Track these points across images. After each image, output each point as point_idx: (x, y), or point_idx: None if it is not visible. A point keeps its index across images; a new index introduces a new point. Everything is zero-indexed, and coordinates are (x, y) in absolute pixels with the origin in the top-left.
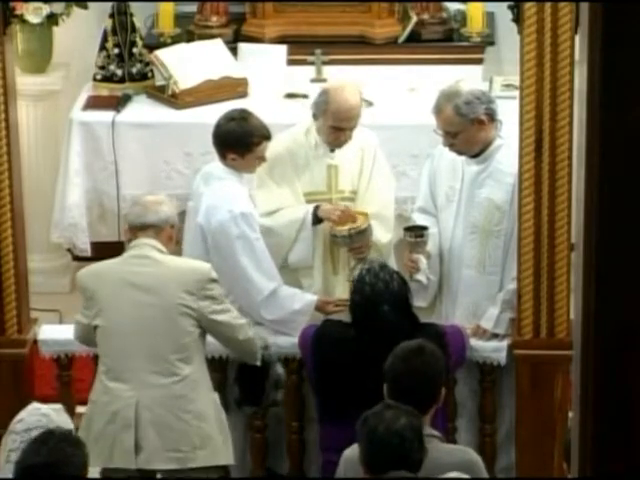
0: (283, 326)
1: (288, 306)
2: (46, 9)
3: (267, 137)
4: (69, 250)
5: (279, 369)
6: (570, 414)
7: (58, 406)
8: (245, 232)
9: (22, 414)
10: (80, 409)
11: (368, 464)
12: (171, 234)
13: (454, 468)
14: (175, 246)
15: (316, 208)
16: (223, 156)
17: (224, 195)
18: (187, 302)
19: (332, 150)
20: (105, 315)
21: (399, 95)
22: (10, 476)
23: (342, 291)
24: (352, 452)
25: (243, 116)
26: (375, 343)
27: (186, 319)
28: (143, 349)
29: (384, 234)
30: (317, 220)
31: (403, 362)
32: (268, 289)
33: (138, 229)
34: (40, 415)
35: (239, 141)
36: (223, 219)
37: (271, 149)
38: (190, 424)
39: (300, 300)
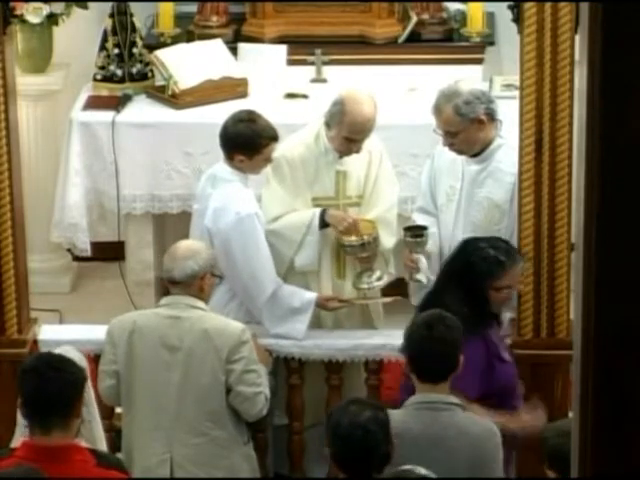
0: (284, 328)
1: (287, 305)
2: (46, 9)
3: (275, 138)
4: (69, 250)
5: (271, 380)
6: (570, 414)
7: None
8: (251, 234)
9: None
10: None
11: (334, 458)
12: (202, 285)
13: (477, 436)
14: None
15: (323, 212)
16: (230, 158)
17: (231, 197)
18: (217, 367)
19: (341, 156)
20: (136, 373)
21: (399, 95)
22: None
23: (349, 294)
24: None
25: (251, 117)
26: None
27: (216, 383)
28: (174, 410)
29: (389, 238)
30: (324, 224)
31: (426, 328)
32: (270, 291)
33: (169, 282)
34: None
35: (248, 143)
36: (230, 221)
37: (283, 156)
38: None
39: (300, 298)
